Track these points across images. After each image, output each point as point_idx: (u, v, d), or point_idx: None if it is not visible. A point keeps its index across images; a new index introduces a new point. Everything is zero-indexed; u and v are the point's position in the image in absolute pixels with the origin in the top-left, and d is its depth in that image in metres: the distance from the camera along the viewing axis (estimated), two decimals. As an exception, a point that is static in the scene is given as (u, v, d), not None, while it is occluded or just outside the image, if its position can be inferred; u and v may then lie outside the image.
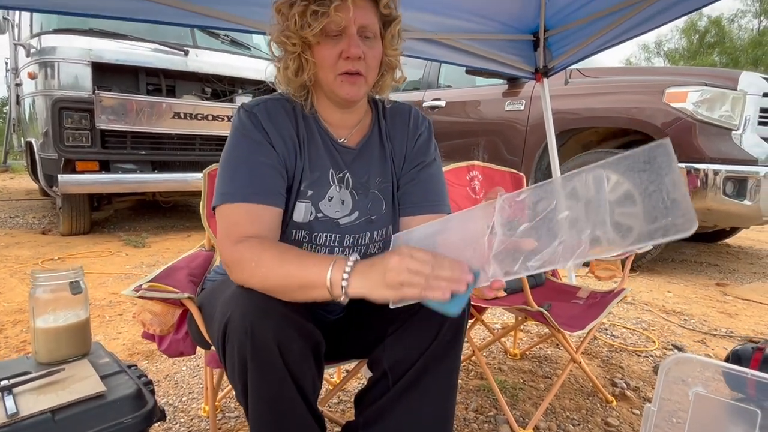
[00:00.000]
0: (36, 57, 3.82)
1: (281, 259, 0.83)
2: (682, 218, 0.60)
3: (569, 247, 0.67)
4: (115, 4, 1.34)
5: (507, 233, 0.72)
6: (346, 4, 0.88)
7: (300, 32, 0.91)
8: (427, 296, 0.73)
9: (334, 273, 0.78)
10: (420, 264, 0.73)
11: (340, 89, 0.94)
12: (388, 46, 1.00)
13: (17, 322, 2.24)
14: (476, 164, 1.88)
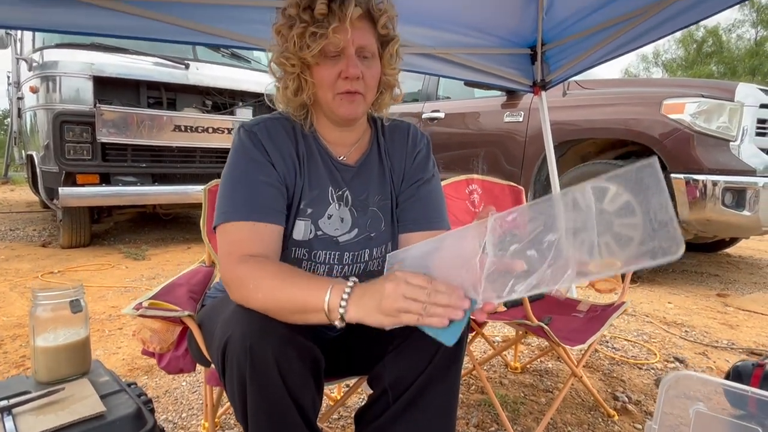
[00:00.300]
0: (38, 71, 3.85)
1: (279, 282, 0.83)
2: (670, 241, 0.59)
3: (557, 270, 0.67)
4: (119, 22, 1.36)
5: (498, 254, 0.72)
6: (345, 26, 0.89)
7: (299, 53, 0.92)
8: (425, 324, 0.73)
9: (332, 298, 0.78)
10: (416, 290, 0.73)
11: (339, 108, 0.95)
12: (386, 65, 1.01)
13: (17, 337, 2.24)
14: (475, 178, 1.89)
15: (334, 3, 0.90)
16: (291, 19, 0.93)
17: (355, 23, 0.91)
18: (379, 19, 0.96)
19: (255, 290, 0.84)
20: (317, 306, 0.79)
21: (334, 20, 0.89)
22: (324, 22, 0.90)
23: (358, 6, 0.91)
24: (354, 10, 0.89)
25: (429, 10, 1.92)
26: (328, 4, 0.89)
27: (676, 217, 0.61)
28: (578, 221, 0.68)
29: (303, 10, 0.91)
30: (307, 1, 0.91)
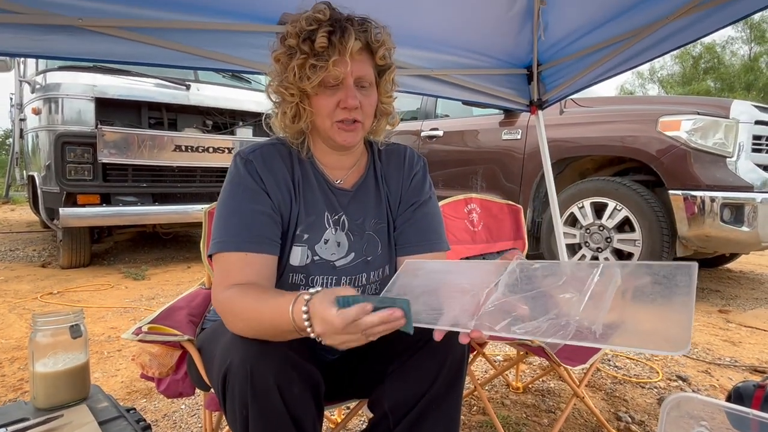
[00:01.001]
0: (41, 93, 3.90)
1: (255, 306, 0.84)
2: (675, 340, 0.59)
3: (553, 327, 0.69)
4: (121, 49, 1.39)
5: (506, 293, 0.75)
6: (344, 58, 0.91)
7: (299, 84, 0.94)
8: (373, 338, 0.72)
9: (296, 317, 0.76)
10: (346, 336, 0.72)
11: (337, 136, 0.97)
12: (383, 93, 1.03)
13: (14, 360, 2.22)
14: (474, 197, 1.90)
15: (334, 36, 0.91)
16: (291, 49, 0.94)
17: (354, 55, 0.92)
18: (377, 51, 0.97)
19: (238, 315, 0.85)
20: (288, 325, 0.77)
21: (334, 53, 0.91)
22: (324, 54, 0.91)
23: (358, 39, 0.92)
24: (354, 44, 0.91)
25: (426, 33, 1.96)
26: (328, 37, 0.91)
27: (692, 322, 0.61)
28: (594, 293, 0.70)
29: (303, 41, 0.92)
30: (307, 33, 0.92)
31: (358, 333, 0.71)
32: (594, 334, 0.65)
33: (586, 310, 0.68)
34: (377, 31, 0.98)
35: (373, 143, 1.13)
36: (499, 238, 1.94)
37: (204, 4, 1.51)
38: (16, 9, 1.28)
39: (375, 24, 0.98)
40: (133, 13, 1.40)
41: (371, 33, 0.96)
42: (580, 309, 0.69)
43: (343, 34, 0.91)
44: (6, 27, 1.30)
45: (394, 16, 1.75)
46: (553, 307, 0.71)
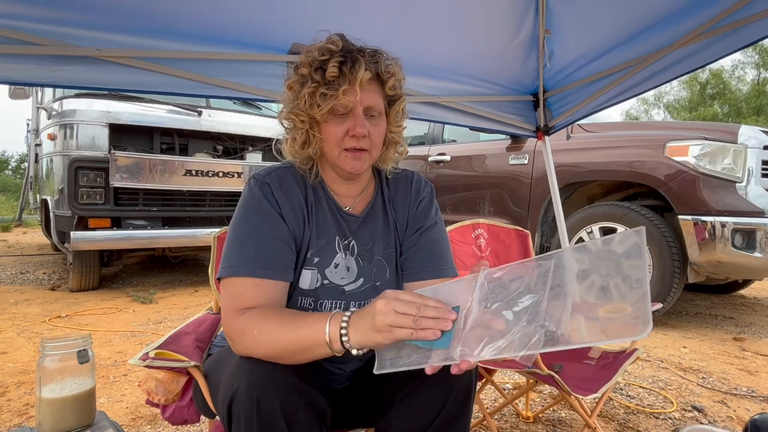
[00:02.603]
0: (57, 119, 3.99)
1: (281, 323, 0.85)
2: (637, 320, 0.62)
3: (525, 337, 0.70)
4: (135, 78, 1.43)
5: (482, 310, 0.76)
6: (354, 88, 0.93)
7: (309, 111, 0.96)
8: (418, 337, 0.76)
9: (332, 328, 0.81)
10: (406, 305, 0.77)
11: (345, 164, 0.98)
12: (392, 123, 1.05)
13: (21, 384, 2.22)
14: (481, 222, 1.90)
15: (345, 66, 0.93)
16: (303, 77, 0.97)
17: (364, 85, 0.94)
18: (387, 81, 0.99)
19: (259, 335, 0.85)
20: (319, 340, 0.81)
21: (344, 82, 0.93)
22: (334, 83, 0.93)
23: (368, 70, 0.94)
24: (364, 74, 0.93)
25: (433, 62, 2.00)
26: (339, 67, 0.93)
27: (649, 295, 0.62)
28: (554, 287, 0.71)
29: (315, 71, 0.95)
30: (318, 62, 0.95)
31: (413, 313, 0.75)
32: (562, 337, 0.67)
33: (549, 311, 0.70)
34: (388, 62, 1.00)
35: (381, 170, 1.14)
36: (507, 263, 1.93)
37: (217, 35, 1.56)
38: (38, 41, 1.33)
39: (386, 55, 1.01)
40: (149, 44, 1.44)
41: (382, 64, 0.98)
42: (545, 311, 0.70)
43: (353, 64, 0.93)
44: (28, 58, 1.35)
45: (402, 45, 1.79)
46: (522, 315, 0.72)
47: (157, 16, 1.44)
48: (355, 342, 0.80)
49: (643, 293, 0.63)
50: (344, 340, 0.80)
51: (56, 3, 1.32)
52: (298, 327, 0.83)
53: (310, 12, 1.58)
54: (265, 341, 0.84)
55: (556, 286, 0.71)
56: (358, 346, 0.80)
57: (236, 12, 1.50)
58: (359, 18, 1.66)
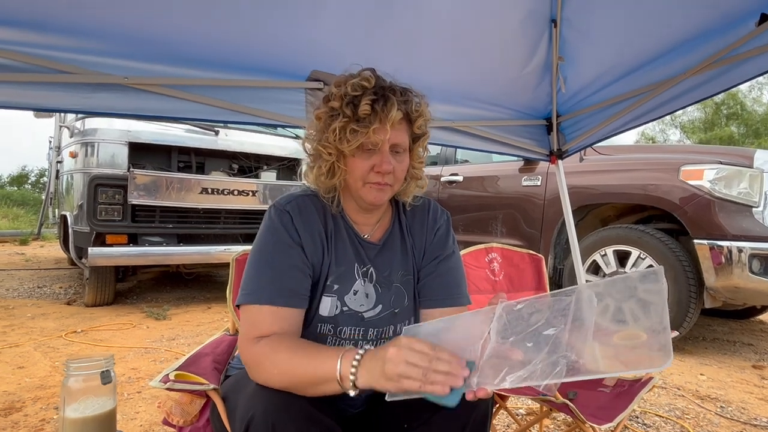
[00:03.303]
0: (79, 137, 4.10)
1: (294, 356, 0.86)
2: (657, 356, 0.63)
3: (547, 366, 0.71)
4: (158, 105, 1.48)
5: (500, 341, 0.77)
6: (385, 127, 0.95)
7: (337, 144, 0.97)
8: (426, 391, 0.75)
9: (343, 366, 0.81)
10: (418, 356, 0.76)
11: (368, 195, 1.00)
12: (415, 158, 1.07)
13: (37, 399, 2.25)
14: (495, 246, 1.91)
15: (377, 104, 0.95)
16: (334, 110, 0.98)
17: (394, 125, 0.96)
18: (416, 121, 1.02)
19: (272, 367, 0.87)
20: (330, 375, 0.82)
21: (376, 121, 0.94)
22: (366, 120, 0.95)
23: (399, 110, 0.96)
24: (396, 114, 0.95)
25: (448, 88, 2.04)
26: (371, 105, 0.95)
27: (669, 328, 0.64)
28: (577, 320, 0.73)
29: (346, 105, 0.96)
30: (351, 97, 0.96)
31: (424, 365, 0.75)
32: (584, 367, 0.68)
33: (571, 342, 0.71)
34: (417, 102, 1.02)
35: (399, 200, 1.16)
36: (520, 287, 1.93)
37: (238, 63, 1.61)
38: (69, 70, 1.39)
39: (416, 94, 1.03)
40: (174, 72, 1.50)
41: (412, 104, 1.00)
42: (566, 343, 0.71)
43: (385, 102, 0.95)
44: (59, 86, 1.41)
45: (417, 72, 1.84)
46: (543, 346, 0.73)
47: (181, 45, 1.50)
48: (363, 382, 0.80)
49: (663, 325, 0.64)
50: (352, 379, 0.80)
51: (88, 33, 1.38)
52: (309, 361, 0.84)
53: (328, 40, 1.63)
54: (277, 374, 0.86)
55: (577, 320, 0.73)
56: (366, 386, 0.80)
57: (257, 41, 1.56)
58: (376, 46, 1.71)
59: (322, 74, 1.68)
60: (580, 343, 0.70)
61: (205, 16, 1.42)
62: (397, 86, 1.01)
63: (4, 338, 3.23)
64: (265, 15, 1.47)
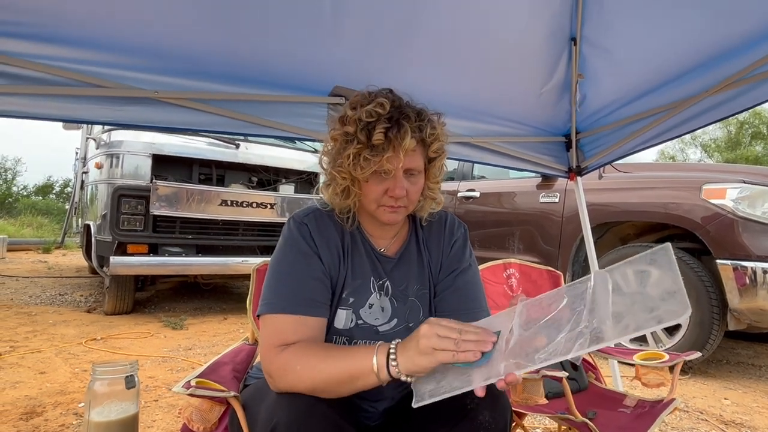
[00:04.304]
0: (104, 149, 4.22)
1: (325, 355, 0.88)
2: (676, 307, 0.68)
3: (572, 338, 0.74)
4: (191, 118, 1.54)
5: (523, 333, 0.81)
6: (398, 155, 0.95)
7: (351, 170, 0.98)
8: (459, 360, 0.79)
9: (380, 357, 0.84)
10: (448, 329, 0.80)
11: (382, 216, 1.02)
12: (431, 179, 1.07)
13: (58, 405, 2.28)
14: (513, 262, 1.91)
15: (390, 132, 0.94)
16: (348, 135, 0.98)
17: (408, 152, 0.96)
18: (431, 145, 1.02)
19: (302, 370, 0.87)
20: (366, 368, 0.84)
21: (389, 149, 0.94)
22: (379, 148, 0.94)
23: (413, 138, 0.96)
24: (409, 142, 0.95)
25: (467, 104, 2.06)
26: (385, 133, 0.94)
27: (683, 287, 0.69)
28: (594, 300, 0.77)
29: (361, 131, 0.96)
30: (365, 124, 0.96)
31: (454, 337, 0.79)
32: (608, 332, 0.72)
33: (592, 314, 0.75)
34: (433, 126, 1.01)
35: (416, 214, 1.17)
36: (538, 304, 1.91)
37: (264, 78, 1.66)
38: (102, 83, 1.45)
39: (432, 114, 1.03)
40: (202, 87, 1.55)
41: (427, 129, 0.99)
42: (588, 316, 0.75)
43: (399, 130, 0.94)
44: (91, 99, 1.47)
45: (437, 88, 1.87)
46: (564, 326, 0.77)
47: (210, 60, 1.55)
48: (403, 368, 0.83)
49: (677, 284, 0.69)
50: (393, 365, 0.83)
51: (121, 49, 1.44)
52: (343, 358, 0.86)
53: (350, 57, 1.67)
54: (308, 375, 0.86)
55: (596, 299, 0.77)
56: (406, 371, 0.83)
57: (282, 58, 1.60)
58: (397, 63, 1.75)
59: (344, 90, 1.72)
60: (602, 312, 0.74)
61: (232, 34, 1.47)
62: (412, 110, 1.00)
63: (26, 344, 3.30)
64: (289, 33, 1.52)
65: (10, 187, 21.49)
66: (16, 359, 2.94)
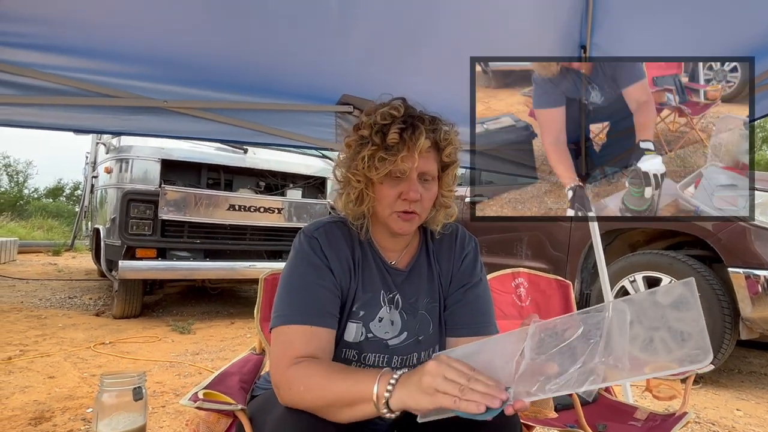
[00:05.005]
0: (114, 154, 4.26)
1: (328, 379, 0.86)
2: (698, 350, 0.64)
3: (585, 373, 0.71)
4: (200, 127, 1.55)
5: (534, 357, 0.77)
6: (413, 155, 0.96)
7: (366, 172, 0.99)
8: (461, 409, 0.73)
9: (380, 387, 0.79)
10: (456, 374, 0.75)
11: (395, 224, 1.01)
12: (444, 187, 1.07)
13: (66, 410, 2.30)
14: (522, 271, 1.89)
15: (405, 132, 0.96)
16: (363, 138, 1.00)
17: (422, 153, 0.97)
18: (444, 149, 1.02)
19: (305, 391, 0.86)
20: (366, 395, 0.80)
21: (404, 149, 0.95)
22: (394, 148, 0.96)
23: (428, 138, 0.97)
24: (424, 143, 0.95)
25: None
26: (400, 133, 0.96)
27: (706, 329, 0.65)
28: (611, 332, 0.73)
29: (376, 133, 0.98)
30: (380, 126, 0.98)
31: (461, 382, 0.73)
32: (623, 371, 0.68)
33: (608, 350, 0.71)
34: (446, 130, 1.03)
35: (427, 227, 1.16)
36: (547, 313, 1.89)
37: (271, 87, 1.67)
38: (111, 93, 1.46)
39: (445, 122, 1.04)
40: (211, 96, 1.56)
41: (440, 132, 1.01)
42: (603, 351, 0.71)
43: (414, 131, 0.96)
44: (101, 109, 1.48)
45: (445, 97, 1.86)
46: (579, 357, 0.73)
47: (218, 70, 1.56)
48: (397, 399, 0.77)
49: (700, 329, 0.65)
50: (387, 396, 0.78)
51: (131, 59, 1.45)
52: (345, 381, 0.84)
53: (359, 66, 1.67)
54: (310, 395, 0.86)
55: (613, 331, 0.73)
56: (400, 404, 0.78)
57: (290, 67, 1.61)
58: (404, 72, 1.75)
59: (353, 98, 1.72)
60: (619, 349, 0.70)
61: (241, 43, 1.48)
62: (426, 115, 1.02)
63: (36, 347, 3.33)
64: (297, 42, 1.52)
65: (22, 189, 21.75)
66: (25, 363, 2.96)
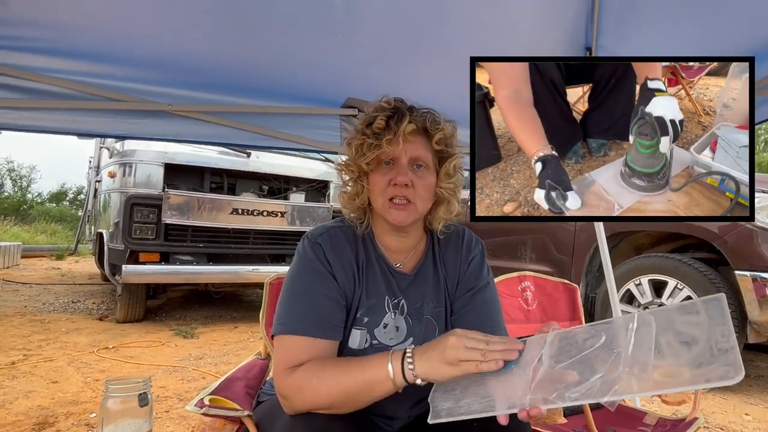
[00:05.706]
0: (118, 158, 4.26)
1: (341, 367, 0.87)
2: (728, 366, 0.62)
3: (608, 382, 0.70)
4: (205, 131, 1.54)
5: (552, 365, 0.77)
6: (398, 139, 0.97)
7: (357, 160, 1.01)
8: (483, 370, 0.78)
9: (395, 363, 0.83)
10: (476, 342, 0.80)
11: (389, 214, 1.00)
12: (442, 179, 1.06)
13: (70, 415, 2.29)
14: (528, 275, 1.88)
15: (391, 119, 1.00)
16: (357, 132, 1.04)
17: (408, 137, 0.99)
18: (434, 135, 1.02)
19: (319, 384, 0.86)
20: (382, 376, 0.83)
21: (389, 133, 0.98)
22: (380, 134, 0.99)
23: (412, 122, 0.99)
24: (407, 126, 0.98)
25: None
26: (386, 120, 1.00)
27: (737, 346, 0.62)
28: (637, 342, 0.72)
29: (366, 126, 1.02)
30: (370, 118, 1.02)
31: (482, 347, 0.79)
32: (648, 382, 0.67)
33: (633, 361, 0.69)
34: (437, 118, 1.04)
35: (432, 229, 1.15)
36: (554, 317, 1.88)
37: (277, 90, 1.66)
38: (116, 97, 1.46)
39: (438, 114, 1.05)
40: (216, 99, 1.56)
41: (429, 119, 1.02)
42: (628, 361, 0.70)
43: (400, 118, 0.99)
44: (105, 112, 1.47)
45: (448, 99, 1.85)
46: (601, 366, 0.72)
47: (223, 73, 1.56)
48: (421, 371, 0.82)
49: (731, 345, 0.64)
50: (410, 369, 0.82)
51: (136, 63, 1.45)
52: (359, 368, 0.86)
53: (364, 69, 1.66)
54: (325, 388, 0.85)
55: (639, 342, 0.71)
56: (424, 376, 0.82)
57: (295, 71, 1.61)
58: (409, 75, 1.74)
59: (357, 101, 1.71)
60: (644, 361, 0.69)
61: (245, 47, 1.47)
62: (419, 107, 1.05)
63: (39, 352, 3.32)
64: (302, 45, 1.52)
65: (25, 194, 21.82)
66: (29, 368, 2.95)
